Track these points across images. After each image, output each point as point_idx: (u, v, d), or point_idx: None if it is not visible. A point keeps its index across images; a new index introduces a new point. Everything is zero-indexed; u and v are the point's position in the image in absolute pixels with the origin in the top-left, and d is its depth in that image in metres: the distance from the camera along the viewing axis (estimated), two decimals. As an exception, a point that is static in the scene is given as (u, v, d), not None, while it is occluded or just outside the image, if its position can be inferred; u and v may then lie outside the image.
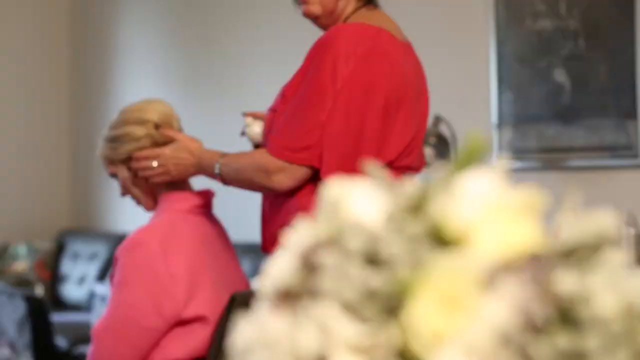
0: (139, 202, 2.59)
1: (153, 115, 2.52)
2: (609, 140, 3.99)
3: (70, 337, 5.36)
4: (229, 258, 2.58)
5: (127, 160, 2.51)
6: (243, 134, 2.70)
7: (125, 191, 2.58)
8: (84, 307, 5.88)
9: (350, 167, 2.11)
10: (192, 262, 2.41)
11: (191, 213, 2.51)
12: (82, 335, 4.82)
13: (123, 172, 2.54)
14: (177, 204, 2.51)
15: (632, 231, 0.66)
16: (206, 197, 2.59)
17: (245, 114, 2.69)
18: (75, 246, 6.45)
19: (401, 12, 2.92)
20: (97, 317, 2.55)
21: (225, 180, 2.48)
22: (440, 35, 4.60)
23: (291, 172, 2.31)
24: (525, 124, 4.24)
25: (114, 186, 2.71)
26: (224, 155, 2.47)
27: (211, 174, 2.49)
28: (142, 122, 2.51)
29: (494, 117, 4.29)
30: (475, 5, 4.53)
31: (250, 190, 2.53)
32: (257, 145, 2.64)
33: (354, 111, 2.32)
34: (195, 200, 2.54)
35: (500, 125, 4.27)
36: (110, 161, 2.56)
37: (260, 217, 2.55)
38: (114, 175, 2.57)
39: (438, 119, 4.09)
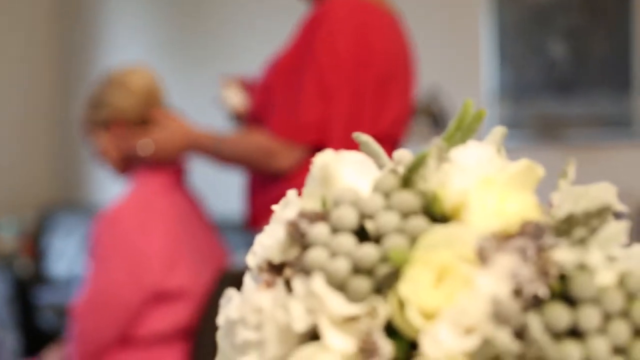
0: (112, 168, 2.57)
1: (139, 88, 2.50)
2: (605, 114, 3.98)
3: (57, 314, 5.28)
4: (207, 232, 2.58)
5: (108, 126, 2.49)
6: (218, 101, 2.65)
7: (100, 157, 2.56)
8: (69, 282, 5.75)
9: (351, 141, 2.07)
10: (169, 236, 2.41)
11: (168, 187, 2.50)
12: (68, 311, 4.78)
13: (102, 138, 2.52)
14: (154, 178, 2.50)
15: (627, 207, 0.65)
16: (183, 171, 2.58)
17: (224, 80, 2.63)
18: (60, 220, 6.32)
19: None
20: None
21: (222, 163, 2.46)
22: (435, 6, 4.57)
23: (295, 153, 2.29)
24: (521, 97, 4.24)
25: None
26: (220, 140, 2.43)
27: (206, 157, 2.47)
28: (128, 94, 2.49)
29: (490, 90, 4.28)
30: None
31: (248, 171, 2.50)
32: (236, 117, 2.61)
33: (352, 86, 2.31)
34: (172, 175, 2.53)
35: (496, 98, 4.26)
36: (91, 125, 2.54)
37: (245, 192, 2.53)
38: (93, 140, 2.55)
39: (433, 93, 4.08)
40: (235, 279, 2.23)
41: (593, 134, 4.01)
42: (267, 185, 2.38)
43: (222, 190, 3.80)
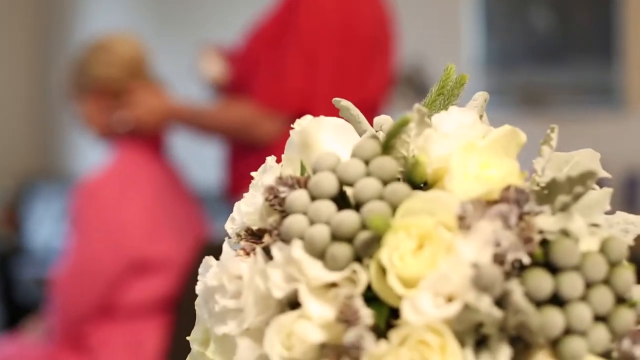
0: (95, 135, 2.55)
1: (124, 56, 2.48)
2: (589, 82, 3.99)
3: (37, 286, 5.19)
4: (187, 202, 2.57)
5: (92, 93, 2.47)
6: (195, 70, 2.62)
7: (82, 123, 2.54)
8: (48, 253, 5.64)
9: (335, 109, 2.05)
10: (148, 205, 2.39)
11: (148, 158, 2.49)
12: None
13: (86, 105, 2.50)
14: (134, 148, 2.48)
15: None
16: (163, 141, 2.56)
17: (201, 49, 2.60)
18: (39, 189, 6.22)
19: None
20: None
21: (204, 134, 2.44)
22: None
23: (278, 122, 2.27)
24: (505, 66, 4.23)
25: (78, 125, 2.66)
26: (200, 111, 2.41)
27: (187, 129, 2.45)
28: (112, 62, 2.46)
29: (474, 58, 4.27)
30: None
31: (229, 142, 2.48)
32: (215, 86, 2.58)
33: (336, 53, 2.29)
34: (152, 145, 2.52)
35: (480, 67, 4.25)
36: (75, 91, 2.52)
37: (224, 162, 2.51)
38: (76, 106, 2.53)
39: (417, 63, 4.07)
40: (215, 249, 2.22)
41: (577, 103, 4.01)
42: (248, 154, 2.36)
43: (203, 160, 3.78)
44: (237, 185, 2.41)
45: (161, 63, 2.70)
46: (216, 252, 0.73)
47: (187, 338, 0.78)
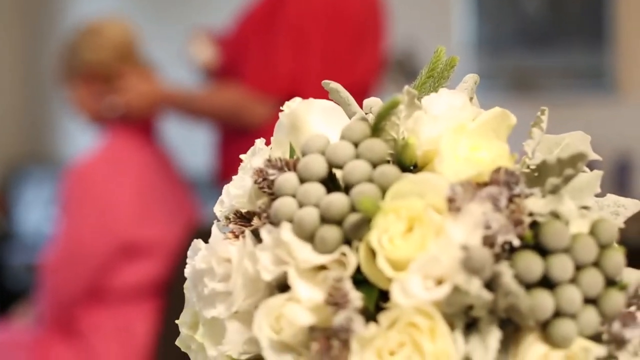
0: (86, 119, 2.55)
1: (114, 41, 2.47)
2: (579, 66, 3.98)
3: (26, 272, 5.13)
4: (178, 187, 2.56)
5: (83, 77, 2.46)
6: (185, 54, 2.61)
7: (74, 107, 2.54)
8: (38, 238, 5.57)
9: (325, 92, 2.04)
10: (138, 189, 2.39)
11: (139, 142, 2.48)
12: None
13: (77, 89, 2.49)
14: (125, 132, 2.47)
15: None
16: (154, 126, 2.56)
17: (192, 34, 2.59)
18: (28, 174, 6.16)
19: None
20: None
21: (195, 119, 2.43)
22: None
23: (268, 106, 2.26)
24: (496, 50, 4.22)
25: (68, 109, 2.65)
26: (191, 96, 2.40)
27: (178, 114, 2.44)
28: (102, 46, 2.45)
29: (465, 42, 4.26)
30: None
31: (220, 126, 2.47)
32: (205, 71, 2.57)
33: (326, 36, 2.28)
34: (143, 129, 2.51)
35: (472, 51, 4.24)
36: (66, 74, 2.51)
37: (215, 146, 2.50)
38: (67, 90, 2.52)
39: (408, 47, 4.06)
40: (206, 234, 2.22)
41: (568, 87, 4.01)
42: (238, 139, 2.35)
43: (194, 145, 3.76)
44: (227, 169, 2.41)
45: (152, 47, 2.69)
46: (207, 236, 0.72)
47: (176, 322, 0.78)
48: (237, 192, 0.72)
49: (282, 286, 0.67)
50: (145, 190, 2.41)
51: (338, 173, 0.67)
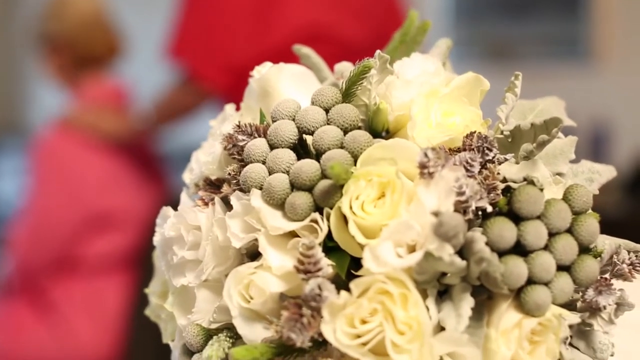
0: (58, 86, 2.52)
1: (76, 14, 2.43)
2: (555, 34, 3.98)
3: None
4: (149, 158, 2.54)
5: (54, 47, 2.44)
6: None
7: (46, 73, 2.51)
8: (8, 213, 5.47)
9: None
10: (107, 160, 2.37)
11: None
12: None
13: (44, 59, 2.47)
14: (93, 98, 2.45)
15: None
16: (125, 94, 2.53)
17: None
18: (1, 144, 6.09)
19: None
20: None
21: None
22: None
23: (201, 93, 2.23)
24: (473, 17, 4.22)
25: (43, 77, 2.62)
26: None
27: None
28: (63, 20, 2.43)
29: (441, 8, 4.25)
30: None
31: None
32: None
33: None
34: (112, 93, 2.48)
35: (448, 18, 4.24)
36: (40, 41, 2.49)
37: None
38: (41, 57, 2.50)
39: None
40: (177, 205, 2.20)
41: (543, 55, 4.01)
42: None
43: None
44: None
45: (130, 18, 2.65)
46: (177, 207, 0.71)
47: (145, 290, 0.77)
48: (207, 158, 0.71)
49: (252, 254, 0.66)
50: (116, 160, 2.39)
51: (309, 139, 0.66)
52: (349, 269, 0.61)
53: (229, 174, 0.67)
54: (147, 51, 2.75)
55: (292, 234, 0.63)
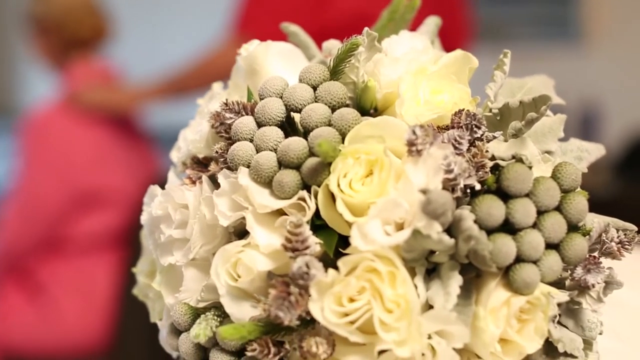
0: (46, 66, 2.51)
1: (59, 4, 2.42)
2: (545, 14, 3.98)
3: None
4: (139, 139, 2.53)
5: (36, 31, 2.43)
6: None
7: (34, 53, 2.50)
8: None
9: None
10: (96, 139, 2.36)
11: None
12: None
13: (33, 40, 2.46)
14: (82, 79, 2.44)
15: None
16: (114, 76, 2.52)
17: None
18: None
19: None
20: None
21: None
22: None
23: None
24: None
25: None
26: (176, 82, 2.34)
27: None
28: (48, 2, 2.41)
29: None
30: None
31: None
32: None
33: None
34: (101, 75, 2.47)
35: None
36: (26, 26, 2.48)
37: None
38: (30, 36, 2.49)
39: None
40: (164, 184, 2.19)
41: (533, 35, 4.00)
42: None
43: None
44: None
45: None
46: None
47: (133, 270, 0.77)
48: (194, 137, 0.71)
49: (240, 232, 0.65)
50: (104, 140, 2.38)
51: (296, 116, 0.65)
52: (337, 247, 0.61)
53: (217, 152, 0.66)
54: (137, 34, 2.73)
55: (280, 212, 0.63)
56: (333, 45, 0.73)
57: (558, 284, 0.63)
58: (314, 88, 0.66)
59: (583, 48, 3.91)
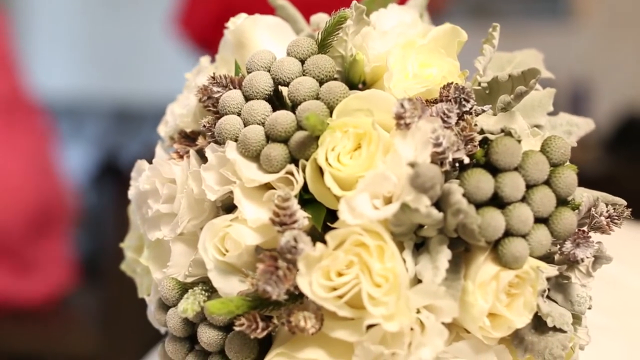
0: None
1: None
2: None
3: None
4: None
5: None
6: None
7: None
8: None
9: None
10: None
11: None
12: None
13: None
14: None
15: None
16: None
17: None
18: None
19: None
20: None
21: None
22: None
23: None
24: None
25: None
26: None
27: None
28: None
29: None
30: None
31: None
32: None
33: None
34: None
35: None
36: None
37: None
38: None
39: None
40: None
41: (523, 12, 4.00)
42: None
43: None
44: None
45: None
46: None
47: (120, 245, 0.76)
48: (182, 111, 0.70)
49: (227, 207, 0.65)
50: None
51: (284, 90, 0.65)
52: (325, 221, 0.61)
53: (204, 126, 0.66)
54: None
55: (268, 186, 0.63)
56: (321, 19, 0.72)
57: (547, 258, 0.63)
58: (302, 61, 0.65)
59: (572, 25, 3.90)
